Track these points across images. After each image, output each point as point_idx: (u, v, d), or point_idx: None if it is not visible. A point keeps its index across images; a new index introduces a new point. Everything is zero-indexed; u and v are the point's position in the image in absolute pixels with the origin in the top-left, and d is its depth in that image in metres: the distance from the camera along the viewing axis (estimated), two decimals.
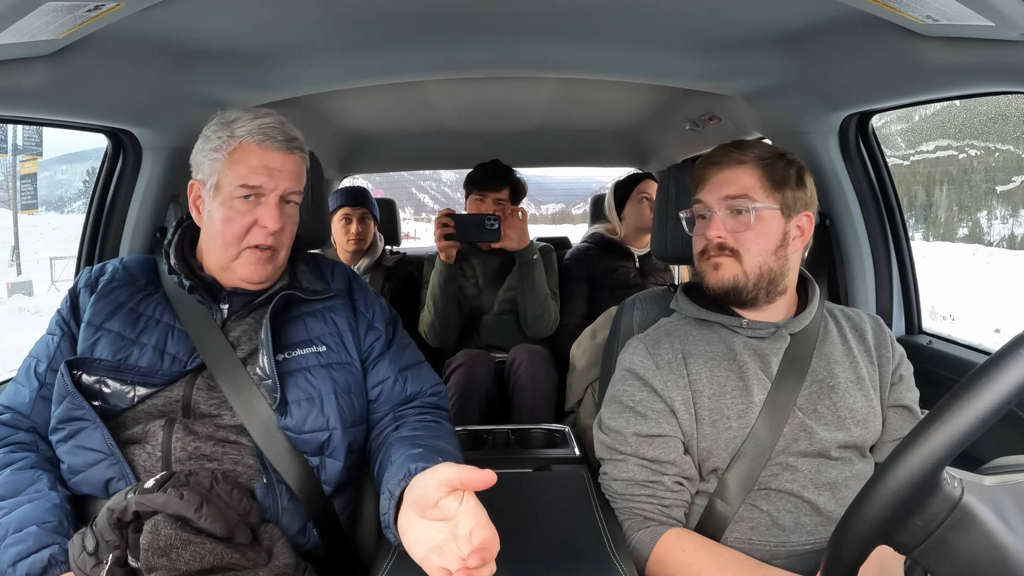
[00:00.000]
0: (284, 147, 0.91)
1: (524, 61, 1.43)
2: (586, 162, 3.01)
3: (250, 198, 0.90)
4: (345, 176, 2.75)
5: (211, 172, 0.91)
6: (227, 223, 0.91)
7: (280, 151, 0.91)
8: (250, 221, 0.91)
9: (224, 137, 0.90)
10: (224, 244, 0.92)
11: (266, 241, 0.92)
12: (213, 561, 0.74)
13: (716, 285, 0.97)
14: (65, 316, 0.95)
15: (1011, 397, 0.46)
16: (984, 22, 0.81)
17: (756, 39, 1.30)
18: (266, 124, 0.91)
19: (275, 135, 0.91)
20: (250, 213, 0.91)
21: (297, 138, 0.94)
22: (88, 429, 0.87)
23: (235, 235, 0.91)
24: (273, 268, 0.95)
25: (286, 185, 0.92)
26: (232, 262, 0.93)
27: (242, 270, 0.93)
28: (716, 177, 0.97)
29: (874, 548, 0.52)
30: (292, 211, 0.95)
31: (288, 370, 0.92)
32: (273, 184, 0.91)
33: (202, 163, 0.93)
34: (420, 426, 0.95)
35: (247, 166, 0.90)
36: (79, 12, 0.85)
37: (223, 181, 0.90)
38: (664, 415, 0.94)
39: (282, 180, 0.91)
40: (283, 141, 0.91)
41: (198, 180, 0.94)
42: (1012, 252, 10.63)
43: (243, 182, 0.89)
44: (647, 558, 0.89)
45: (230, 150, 0.90)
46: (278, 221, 0.91)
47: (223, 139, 0.90)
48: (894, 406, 0.98)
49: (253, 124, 0.90)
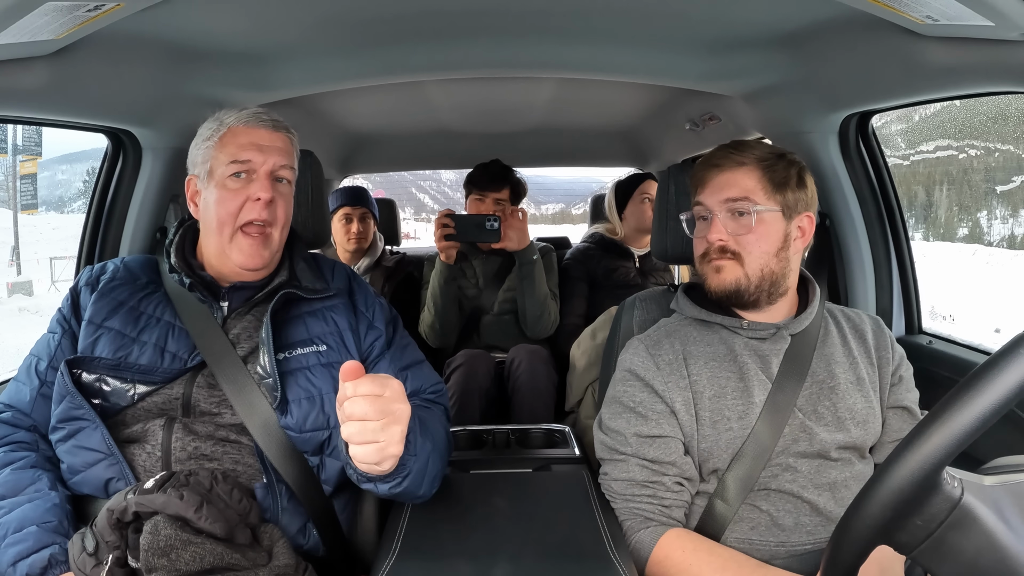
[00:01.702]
0: (271, 125, 0.95)
1: (524, 61, 1.43)
2: (586, 162, 3.00)
3: (241, 175, 0.93)
4: (345, 176, 2.75)
5: (204, 160, 0.94)
6: (220, 203, 0.93)
7: (267, 128, 0.95)
8: (243, 198, 0.93)
9: (214, 127, 0.95)
10: (219, 225, 0.93)
11: (260, 215, 0.93)
12: (213, 561, 0.74)
13: (718, 288, 0.97)
14: (66, 314, 0.96)
15: (1011, 397, 0.46)
16: (984, 22, 0.81)
17: (756, 39, 1.30)
18: (252, 111, 0.96)
19: (261, 116, 0.95)
20: (243, 190, 0.93)
21: (283, 120, 0.98)
22: (88, 429, 0.87)
23: (229, 213, 0.93)
24: (269, 253, 0.95)
25: (275, 159, 0.94)
26: (228, 246, 0.94)
27: (237, 256, 0.94)
28: (716, 179, 0.97)
29: (874, 548, 0.52)
30: (285, 190, 0.97)
31: (288, 369, 0.92)
32: (262, 158, 0.93)
33: (195, 156, 0.96)
34: None
35: (236, 145, 0.93)
36: (79, 12, 0.85)
37: (215, 165, 0.94)
38: (664, 416, 0.94)
39: (271, 155, 0.94)
40: (269, 120, 0.95)
41: (194, 175, 0.97)
42: (1012, 252, 10.63)
43: (233, 158, 0.92)
44: (647, 558, 0.89)
45: (220, 136, 0.94)
46: (269, 191, 0.93)
47: (213, 129, 0.95)
48: (894, 407, 0.98)
49: (241, 112, 0.95)
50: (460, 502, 0.95)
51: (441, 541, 0.84)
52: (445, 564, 0.79)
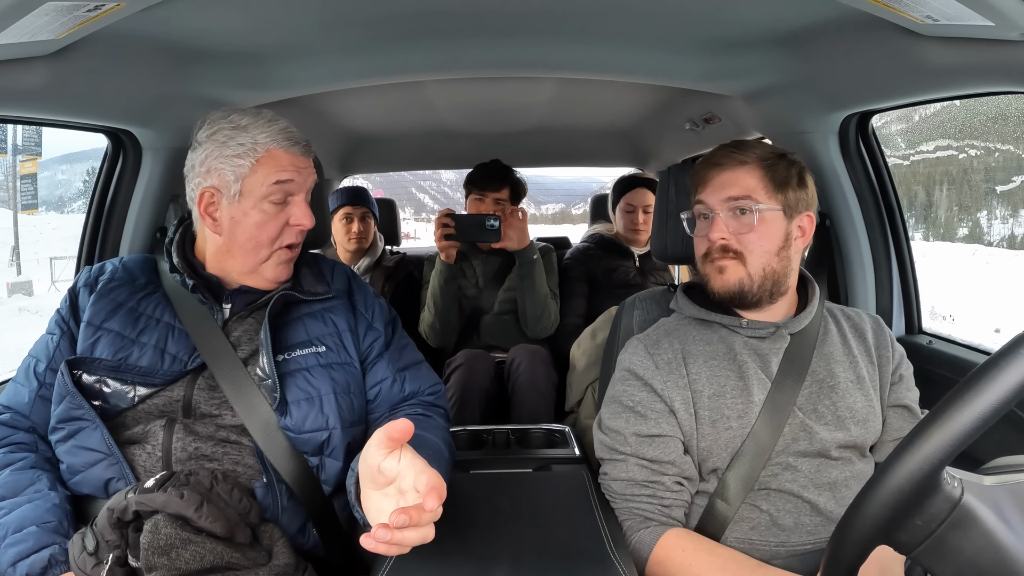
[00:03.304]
0: (304, 150, 0.96)
1: (524, 61, 1.43)
2: (586, 162, 3.00)
3: (280, 199, 0.93)
4: (345, 176, 2.75)
5: (236, 179, 0.92)
6: (261, 226, 0.93)
7: (302, 153, 0.96)
8: (283, 222, 0.95)
9: (248, 144, 0.91)
10: (256, 247, 0.94)
11: (298, 239, 0.97)
12: (213, 560, 0.74)
13: (721, 289, 0.97)
14: (64, 316, 0.96)
15: (1011, 397, 0.46)
16: (984, 22, 0.81)
17: (756, 39, 1.30)
18: (283, 128, 0.94)
19: (296, 139, 0.95)
20: (282, 214, 0.94)
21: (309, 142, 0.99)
22: (88, 429, 0.87)
23: (270, 237, 0.94)
24: (292, 266, 0.99)
25: (310, 183, 0.97)
26: (261, 264, 0.95)
27: (271, 271, 0.96)
28: (718, 178, 0.97)
29: (874, 548, 0.52)
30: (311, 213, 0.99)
31: (288, 370, 0.92)
32: (301, 181, 0.95)
33: (220, 169, 0.92)
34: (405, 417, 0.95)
35: (278, 166, 0.93)
36: (79, 12, 0.85)
37: (251, 186, 0.92)
38: (664, 415, 0.94)
39: (308, 177, 0.97)
40: (303, 144, 0.96)
41: (212, 187, 0.93)
42: (1012, 252, 10.62)
43: (277, 179, 0.92)
44: (647, 558, 0.89)
45: (258, 157, 0.92)
46: (311, 218, 0.96)
47: (246, 146, 0.91)
48: (894, 406, 0.98)
49: (272, 129, 0.93)
50: (460, 502, 0.94)
51: (441, 541, 0.84)
52: (445, 564, 0.79)
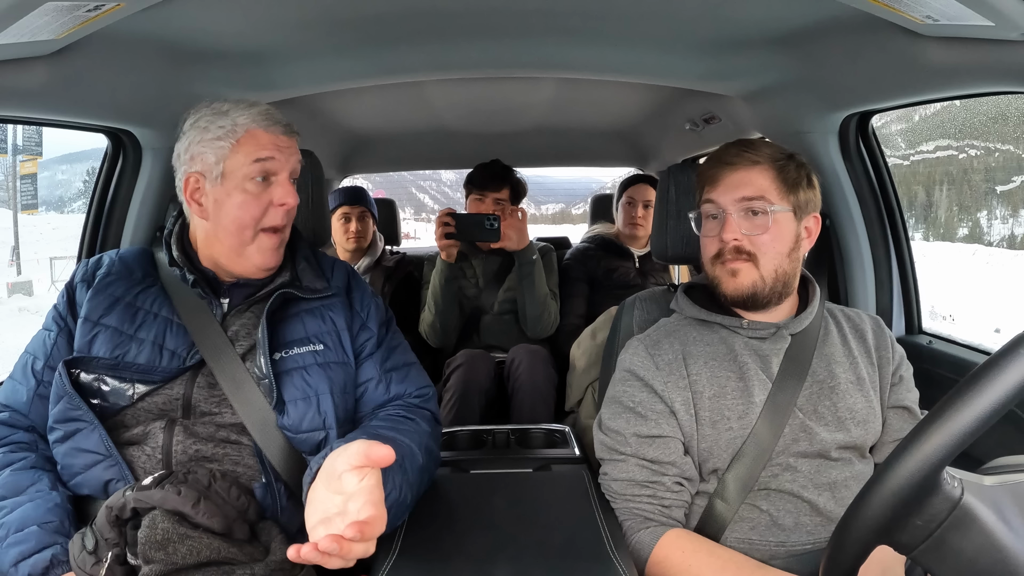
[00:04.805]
0: (285, 130, 0.95)
1: (524, 61, 1.43)
2: (586, 162, 3.01)
3: (262, 179, 0.92)
4: (345, 176, 2.75)
5: (217, 161, 0.91)
6: (243, 206, 0.92)
7: (284, 133, 0.94)
8: (266, 202, 0.93)
9: (228, 126, 0.91)
10: (239, 229, 0.92)
11: (282, 221, 0.94)
12: (210, 555, 0.74)
13: (734, 292, 0.96)
14: (62, 312, 0.95)
15: (1011, 397, 0.46)
16: (984, 22, 0.81)
17: (756, 39, 1.30)
18: (264, 110, 0.94)
19: (276, 119, 0.94)
20: (265, 194, 0.93)
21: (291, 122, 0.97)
22: (85, 430, 0.86)
23: (253, 217, 0.92)
24: (283, 251, 0.98)
25: (293, 163, 0.95)
26: (247, 248, 0.93)
27: (257, 256, 0.94)
28: (730, 177, 0.95)
29: (874, 548, 0.52)
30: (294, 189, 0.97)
31: (285, 369, 0.92)
32: (284, 160, 0.93)
33: (203, 153, 0.92)
34: (386, 418, 0.95)
35: (257, 147, 0.91)
36: (79, 12, 0.85)
37: (232, 167, 0.91)
38: (664, 416, 0.94)
39: (290, 157, 0.94)
40: (284, 124, 0.95)
41: (196, 172, 0.93)
42: (1012, 252, 10.63)
43: (256, 157, 0.91)
44: (647, 558, 0.88)
45: (238, 138, 0.91)
46: (295, 196, 0.94)
47: (226, 128, 0.91)
48: (894, 407, 0.98)
49: (252, 111, 0.93)
50: (460, 502, 0.95)
51: (441, 541, 0.84)
52: (445, 564, 0.79)
